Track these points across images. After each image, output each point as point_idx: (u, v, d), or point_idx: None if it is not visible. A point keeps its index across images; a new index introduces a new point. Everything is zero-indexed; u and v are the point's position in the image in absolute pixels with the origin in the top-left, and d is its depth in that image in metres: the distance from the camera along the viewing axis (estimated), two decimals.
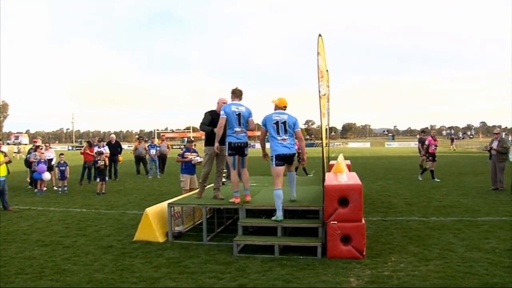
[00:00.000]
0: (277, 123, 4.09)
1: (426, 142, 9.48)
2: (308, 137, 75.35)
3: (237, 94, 4.47)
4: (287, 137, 4.09)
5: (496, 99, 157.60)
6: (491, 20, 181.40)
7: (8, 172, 6.65)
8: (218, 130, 4.31)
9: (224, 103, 4.87)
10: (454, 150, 29.85)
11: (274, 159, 4.07)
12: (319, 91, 4.15)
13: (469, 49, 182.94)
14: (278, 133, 4.08)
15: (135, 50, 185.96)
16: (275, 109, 4.24)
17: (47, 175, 8.49)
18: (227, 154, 4.35)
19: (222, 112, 4.31)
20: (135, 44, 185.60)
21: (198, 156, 6.29)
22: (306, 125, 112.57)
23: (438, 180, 9.28)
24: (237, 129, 4.32)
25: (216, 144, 4.40)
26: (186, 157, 6.20)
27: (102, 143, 10.09)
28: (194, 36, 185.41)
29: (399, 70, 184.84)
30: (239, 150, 4.36)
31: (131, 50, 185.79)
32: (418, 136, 11.95)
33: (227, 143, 4.34)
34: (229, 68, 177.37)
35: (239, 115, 4.33)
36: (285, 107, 4.22)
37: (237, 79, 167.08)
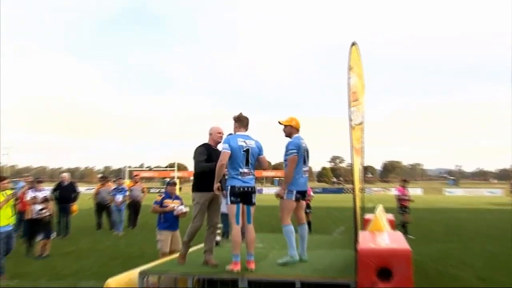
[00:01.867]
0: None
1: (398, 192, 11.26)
2: (334, 179, 75.24)
3: (244, 123, 4.66)
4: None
5: None
6: None
7: None
8: (219, 168, 4.43)
9: (219, 133, 5.07)
10: None
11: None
12: (351, 119, 4.28)
13: None
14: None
15: (100, 59, 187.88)
16: (292, 133, 4.87)
17: None
18: (228, 202, 4.44)
19: (225, 146, 4.45)
20: (101, 51, 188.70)
21: (182, 204, 6.33)
22: (333, 163, 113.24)
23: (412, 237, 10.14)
24: (244, 169, 4.46)
25: (217, 184, 4.51)
26: (166, 206, 6.25)
27: (39, 185, 8.70)
28: (181, 44, 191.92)
29: (462, 88, 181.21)
30: (245, 197, 4.46)
31: (95, 59, 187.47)
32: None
33: (229, 188, 4.44)
34: (225, 87, 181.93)
35: (247, 151, 4.49)
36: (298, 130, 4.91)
37: (236, 101, 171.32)
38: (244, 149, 4.48)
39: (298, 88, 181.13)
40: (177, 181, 7.26)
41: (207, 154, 4.91)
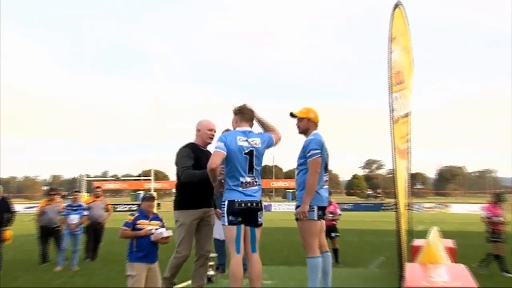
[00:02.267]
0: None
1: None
2: (370, 192, 75.15)
3: (247, 116, 4.78)
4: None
5: None
6: None
7: None
8: (212, 170, 4.50)
9: (210, 130, 5.11)
10: None
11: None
12: (392, 110, 4.28)
13: None
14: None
15: (44, 29, 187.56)
16: (309, 128, 5.10)
17: None
18: (225, 222, 4.47)
19: (219, 144, 4.52)
20: (53, 24, 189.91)
21: (163, 226, 6.36)
22: (367, 170, 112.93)
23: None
24: (247, 178, 4.54)
25: (218, 179, 4.68)
26: (141, 229, 6.28)
27: None
28: (159, 9, 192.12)
29: None
30: (249, 216, 4.53)
31: (36, 29, 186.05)
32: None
33: (226, 204, 4.50)
34: (221, 68, 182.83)
35: (250, 153, 4.57)
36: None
37: (234, 86, 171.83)
38: (246, 151, 4.53)
39: (316, 67, 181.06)
40: (155, 194, 7.29)
41: (194, 157, 4.94)
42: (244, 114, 4.76)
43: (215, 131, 5.31)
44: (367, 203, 60.69)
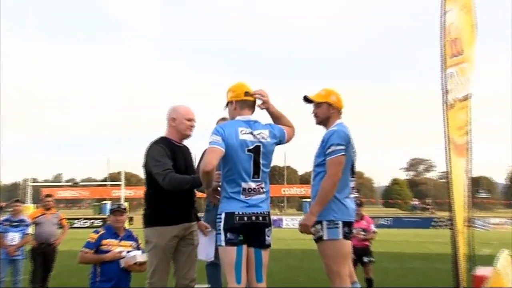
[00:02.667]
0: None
1: None
2: (416, 202, 75.00)
3: (248, 102, 4.85)
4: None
5: None
6: None
7: None
8: (204, 178, 4.56)
9: (189, 120, 5.16)
10: None
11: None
12: (446, 91, 4.33)
13: None
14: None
15: None
16: (330, 117, 5.14)
17: None
18: (222, 242, 4.55)
19: (215, 138, 4.57)
20: None
21: (138, 248, 6.42)
22: (412, 173, 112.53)
23: None
24: (251, 184, 4.61)
25: (213, 185, 4.78)
26: (107, 251, 6.33)
27: None
28: None
29: None
30: (253, 233, 4.60)
31: None
32: None
33: (222, 217, 4.58)
34: (210, 34, 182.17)
35: (256, 150, 4.63)
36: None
37: (230, 62, 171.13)
38: (251, 147, 4.59)
39: (339, 35, 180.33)
40: (126, 205, 7.36)
41: (171, 157, 4.99)
42: (245, 98, 4.79)
43: (194, 120, 5.35)
44: (412, 217, 60.45)
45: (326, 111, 5.18)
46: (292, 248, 22.29)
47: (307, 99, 5.24)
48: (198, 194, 5.77)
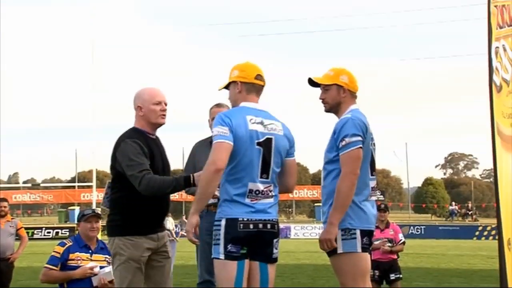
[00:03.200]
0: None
1: None
2: (454, 206, 75.12)
3: (257, 86, 4.84)
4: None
5: None
6: None
7: None
8: (208, 182, 4.55)
9: (158, 104, 5.19)
10: None
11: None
12: (492, 69, 4.33)
13: None
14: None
15: None
16: (342, 102, 5.09)
17: None
18: (220, 254, 4.59)
19: (223, 131, 4.56)
20: None
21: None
22: (450, 170, 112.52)
23: None
24: (258, 184, 4.63)
25: (195, 218, 4.66)
26: (77, 266, 6.35)
27: None
28: None
29: None
30: (259, 244, 4.63)
31: None
32: None
33: (222, 224, 4.60)
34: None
35: (267, 144, 4.66)
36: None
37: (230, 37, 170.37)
38: (261, 140, 4.61)
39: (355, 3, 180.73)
40: (99, 211, 7.35)
41: (148, 154, 4.98)
42: (254, 81, 4.79)
43: (165, 103, 5.29)
44: (449, 225, 60.56)
45: (335, 95, 5.07)
46: (303, 263, 22.42)
47: (312, 82, 5.19)
48: (184, 197, 5.77)
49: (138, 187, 4.91)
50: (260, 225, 4.54)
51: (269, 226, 4.58)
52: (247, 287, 4.59)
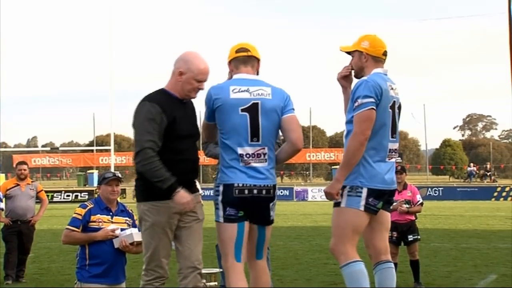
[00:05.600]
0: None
1: None
2: (472, 168, 74.78)
3: (250, 59, 4.98)
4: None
5: None
6: None
7: None
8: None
9: (199, 82, 5.08)
10: None
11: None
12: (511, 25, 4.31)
13: None
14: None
15: None
16: (365, 67, 5.22)
17: None
18: (220, 217, 4.76)
19: (213, 98, 4.80)
20: None
21: (135, 226, 6.47)
22: (469, 132, 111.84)
23: None
24: (247, 149, 4.74)
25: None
26: (98, 228, 6.37)
27: None
28: None
29: None
30: (255, 208, 4.77)
31: None
32: None
33: (220, 189, 4.77)
34: None
35: (253, 109, 4.76)
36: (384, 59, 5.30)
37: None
38: (247, 106, 4.72)
39: None
40: (118, 174, 7.35)
41: (165, 121, 4.89)
42: (244, 55, 4.93)
43: (207, 75, 5.12)
44: (468, 186, 60.17)
45: (357, 61, 5.25)
46: (320, 225, 22.40)
47: (342, 50, 5.39)
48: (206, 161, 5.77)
49: (135, 156, 4.91)
50: (255, 191, 4.68)
51: (264, 192, 4.70)
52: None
